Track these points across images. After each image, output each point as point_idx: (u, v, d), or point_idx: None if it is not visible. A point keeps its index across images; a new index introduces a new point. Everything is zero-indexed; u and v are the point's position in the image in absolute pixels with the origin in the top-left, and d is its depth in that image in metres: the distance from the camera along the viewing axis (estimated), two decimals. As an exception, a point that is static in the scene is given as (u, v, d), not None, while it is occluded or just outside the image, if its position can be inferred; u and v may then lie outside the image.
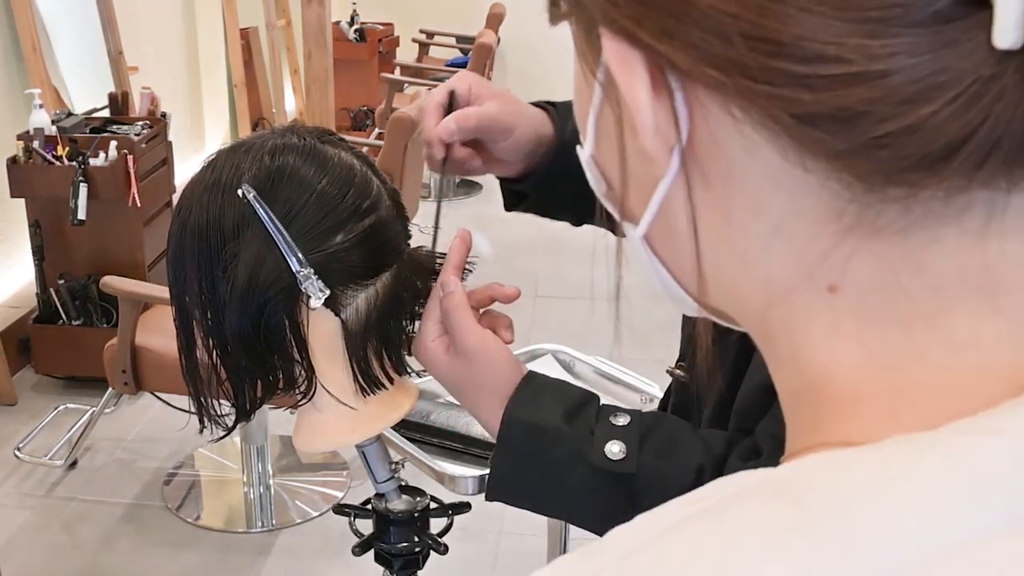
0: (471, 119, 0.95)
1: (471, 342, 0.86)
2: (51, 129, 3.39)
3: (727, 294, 0.40)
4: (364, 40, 6.99)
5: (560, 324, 4.10)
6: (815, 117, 0.32)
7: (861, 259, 0.35)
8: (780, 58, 0.31)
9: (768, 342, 0.40)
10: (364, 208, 0.86)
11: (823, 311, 0.36)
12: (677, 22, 0.33)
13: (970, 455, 0.31)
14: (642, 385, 1.72)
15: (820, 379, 0.37)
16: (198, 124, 5.57)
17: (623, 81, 0.36)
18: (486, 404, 0.88)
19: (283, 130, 0.89)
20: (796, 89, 0.32)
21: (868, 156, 0.32)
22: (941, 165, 0.31)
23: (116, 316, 2.97)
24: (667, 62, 0.35)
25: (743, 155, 0.35)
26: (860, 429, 0.35)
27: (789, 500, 0.32)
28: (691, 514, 0.33)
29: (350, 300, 0.87)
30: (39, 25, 3.81)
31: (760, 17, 0.31)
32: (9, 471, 3.14)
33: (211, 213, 0.84)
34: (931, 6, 0.29)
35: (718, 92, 0.34)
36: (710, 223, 0.38)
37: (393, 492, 1.07)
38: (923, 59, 0.30)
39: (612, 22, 0.36)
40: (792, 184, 0.35)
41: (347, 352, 0.88)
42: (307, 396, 0.90)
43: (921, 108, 0.30)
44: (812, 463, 0.34)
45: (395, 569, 1.11)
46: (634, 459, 0.83)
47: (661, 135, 0.37)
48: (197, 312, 0.86)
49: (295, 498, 3.08)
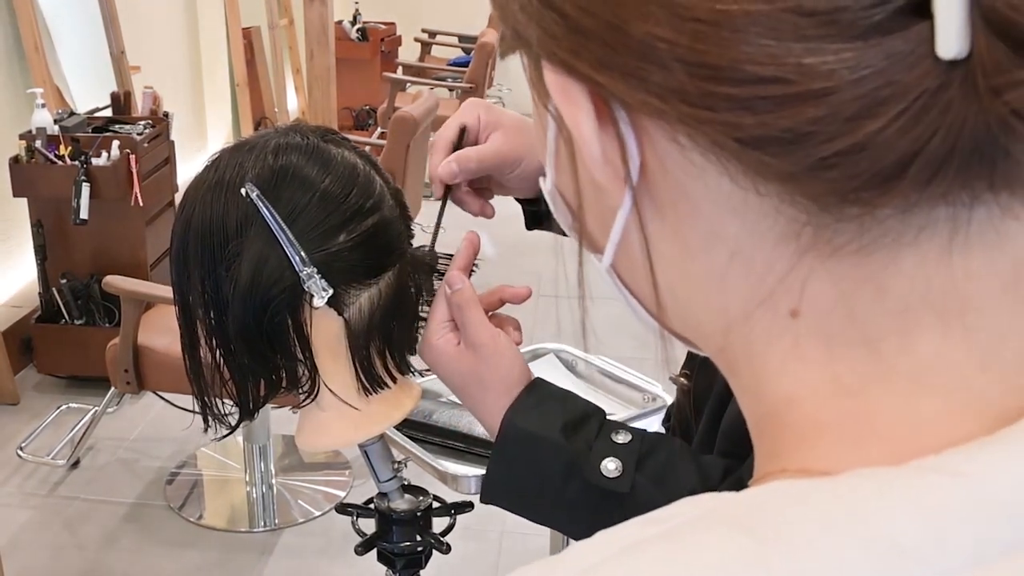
0: (471, 161, 0.95)
1: (483, 337, 0.86)
2: (53, 128, 3.39)
3: (688, 320, 0.40)
4: (366, 39, 6.99)
5: (562, 323, 4.09)
6: (760, 140, 0.31)
7: (819, 281, 0.34)
8: (719, 82, 0.31)
9: (730, 368, 0.39)
10: (367, 207, 0.86)
11: (783, 335, 0.36)
12: (614, 52, 0.33)
13: (931, 497, 0.31)
14: (645, 385, 1.72)
15: (782, 405, 0.36)
16: (200, 123, 5.58)
17: (567, 113, 0.36)
18: (490, 402, 0.87)
19: (286, 129, 0.89)
20: (738, 113, 0.31)
21: (818, 177, 0.31)
22: (893, 182, 0.30)
23: (118, 315, 2.97)
24: (608, 92, 0.34)
25: (694, 182, 0.35)
26: (821, 457, 0.35)
27: (743, 530, 0.31)
28: (650, 535, 0.33)
29: (353, 299, 0.87)
30: (41, 24, 3.81)
31: (695, 42, 0.30)
32: (11, 471, 3.15)
33: (214, 212, 0.84)
34: (869, 18, 0.28)
35: (662, 120, 0.33)
36: (666, 251, 0.38)
37: (396, 491, 1.07)
38: (865, 74, 0.29)
39: (551, 55, 0.35)
40: (745, 208, 0.34)
41: (350, 351, 0.88)
42: (311, 396, 0.90)
43: (867, 125, 0.29)
44: (770, 492, 0.33)
45: (398, 568, 1.11)
46: (629, 479, 0.82)
47: (611, 165, 0.36)
48: (200, 311, 0.86)
49: (298, 497, 3.08)
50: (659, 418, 1.67)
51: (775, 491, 0.33)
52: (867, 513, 0.30)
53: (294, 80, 6.41)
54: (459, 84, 6.12)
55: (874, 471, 0.32)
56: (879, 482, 0.32)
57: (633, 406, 1.70)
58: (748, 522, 0.32)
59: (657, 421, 1.67)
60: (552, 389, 0.88)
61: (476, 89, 5.97)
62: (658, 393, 1.70)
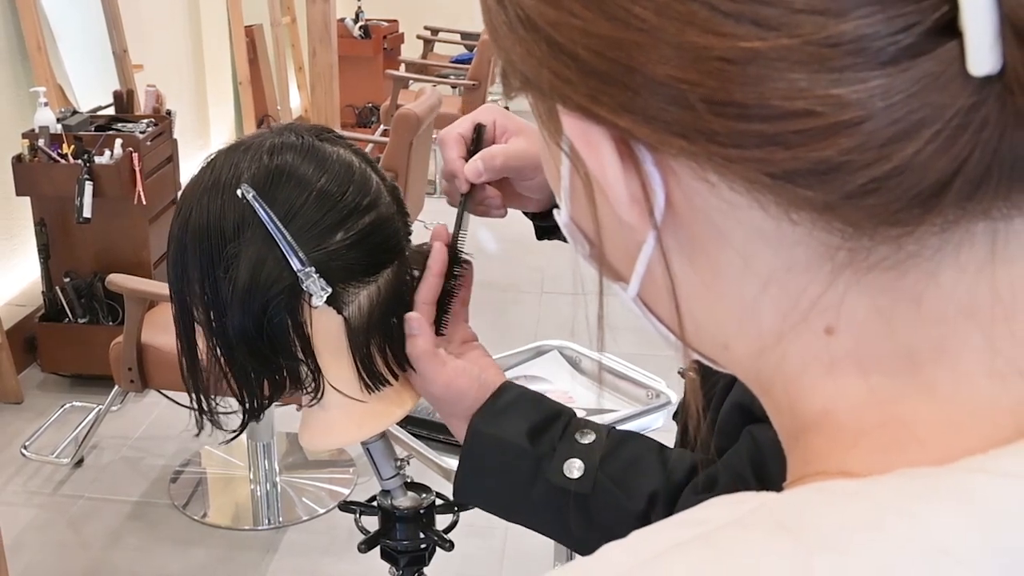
0: (497, 158, 0.92)
1: (436, 391, 0.88)
2: (56, 127, 3.39)
3: (717, 345, 0.39)
4: (369, 37, 6.98)
5: (566, 320, 4.09)
6: (793, 174, 0.31)
7: (856, 297, 0.34)
8: (747, 120, 0.30)
9: (762, 388, 0.39)
10: (364, 205, 0.86)
11: (818, 352, 0.35)
12: (635, 95, 0.32)
13: (979, 496, 0.30)
14: (648, 381, 1.72)
15: (818, 417, 0.36)
16: (203, 121, 5.58)
17: (588, 157, 0.35)
18: (458, 428, 0.90)
19: (281, 129, 0.89)
20: (769, 149, 0.30)
21: (855, 204, 0.31)
22: (933, 202, 0.30)
23: (122, 314, 2.98)
24: (631, 135, 0.33)
25: (723, 216, 0.34)
26: (860, 460, 0.34)
27: (786, 532, 0.31)
28: (688, 538, 0.32)
29: (352, 298, 0.87)
30: (44, 23, 3.82)
31: (721, 81, 0.30)
32: (16, 469, 3.15)
33: (211, 214, 0.84)
34: (897, 44, 0.28)
35: (690, 160, 0.33)
36: (696, 281, 0.37)
37: (399, 489, 1.06)
38: (898, 99, 0.28)
39: (566, 99, 0.34)
40: (778, 237, 0.33)
41: (351, 349, 0.88)
42: (316, 396, 0.90)
43: (904, 149, 0.29)
44: (810, 492, 0.33)
45: (401, 566, 1.10)
46: (591, 479, 0.83)
47: (637, 205, 0.35)
48: (200, 314, 0.86)
49: (301, 495, 3.08)
50: (662, 414, 1.67)
51: (816, 492, 0.33)
52: (913, 514, 0.30)
53: (297, 78, 6.41)
54: (462, 81, 6.12)
55: (918, 471, 0.32)
56: (924, 482, 0.31)
57: (637, 403, 1.70)
58: (789, 524, 0.31)
59: (661, 417, 1.67)
60: (518, 393, 0.89)
61: (479, 86, 5.97)
62: (662, 389, 1.70)
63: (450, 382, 0.88)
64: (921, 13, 0.28)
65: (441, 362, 0.88)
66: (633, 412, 1.65)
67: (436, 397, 0.89)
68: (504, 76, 0.38)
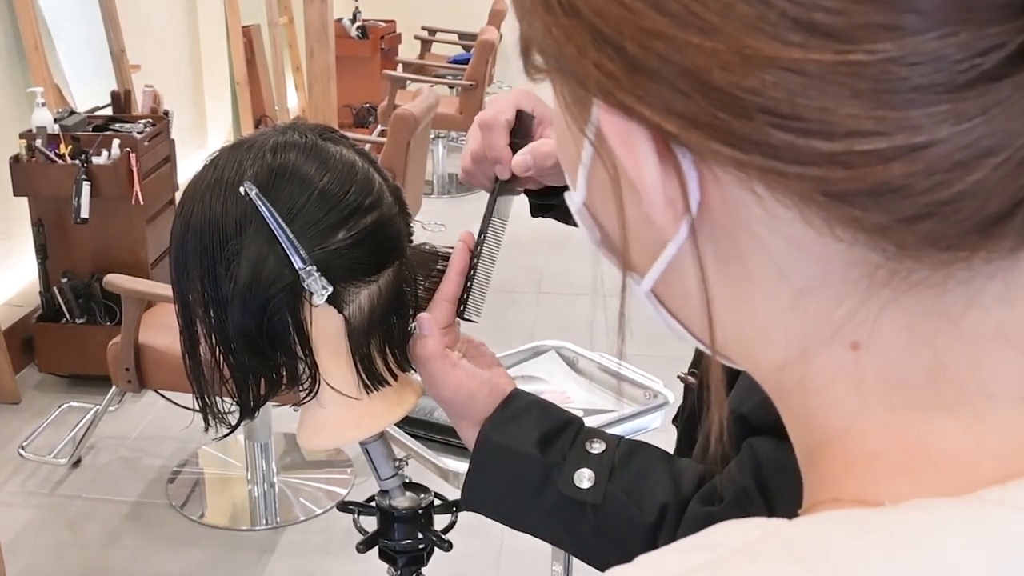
0: (549, 158, 0.91)
1: (447, 394, 0.88)
2: (53, 127, 3.39)
3: (742, 350, 0.38)
4: (366, 37, 6.98)
5: (564, 320, 4.10)
6: (849, 194, 0.29)
7: (891, 315, 0.32)
8: (808, 135, 0.28)
9: (781, 396, 0.38)
10: (366, 205, 0.86)
11: (843, 367, 0.34)
12: (686, 98, 0.30)
13: (997, 530, 0.29)
14: (646, 382, 1.72)
15: (836, 434, 0.35)
16: (200, 122, 5.57)
17: (624, 156, 0.33)
18: (467, 431, 0.90)
19: (284, 128, 0.89)
20: (828, 168, 0.29)
21: (911, 228, 0.29)
22: (993, 230, 0.29)
23: (119, 314, 2.97)
24: (676, 140, 0.32)
25: (763, 227, 0.33)
26: (875, 486, 0.33)
27: (796, 562, 0.29)
28: (696, 564, 0.31)
29: (353, 297, 0.87)
30: (41, 23, 3.81)
31: (784, 93, 0.28)
32: (13, 469, 3.15)
33: (213, 211, 0.84)
34: (980, 66, 0.26)
35: (738, 169, 0.31)
36: (725, 284, 0.36)
37: (397, 489, 1.06)
38: (969, 125, 0.27)
39: (608, 95, 0.32)
40: (818, 250, 0.32)
41: (351, 349, 0.88)
42: (311, 393, 0.90)
43: (968, 176, 0.28)
44: (823, 522, 0.31)
45: (399, 566, 1.10)
46: (601, 489, 0.83)
47: (671, 208, 0.34)
48: (200, 310, 0.86)
49: (299, 495, 3.08)
50: (660, 415, 1.67)
51: (828, 521, 0.31)
52: (928, 548, 0.29)
53: (294, 78, 6.41)
54: (459, 81, 6.11)
55: (933, 502, 0.30)
56: (939, 515, 0.30)
57: (635, 403, 1.70)
58: (800, 553, 0.30)
59: (658, 418, 1.67)
60: (528, 401, 0.89)
61: (476, 87, 5.96)
62: (659, 390, 1.70)
63: (461, 385, 0.88)
64: (1007, 35, 0.27)
65: (452, 364, 0.88)
66: (631, 412, 1.65)
67: (446, 400, 0.89)
68: (526, 55, 0.36)
